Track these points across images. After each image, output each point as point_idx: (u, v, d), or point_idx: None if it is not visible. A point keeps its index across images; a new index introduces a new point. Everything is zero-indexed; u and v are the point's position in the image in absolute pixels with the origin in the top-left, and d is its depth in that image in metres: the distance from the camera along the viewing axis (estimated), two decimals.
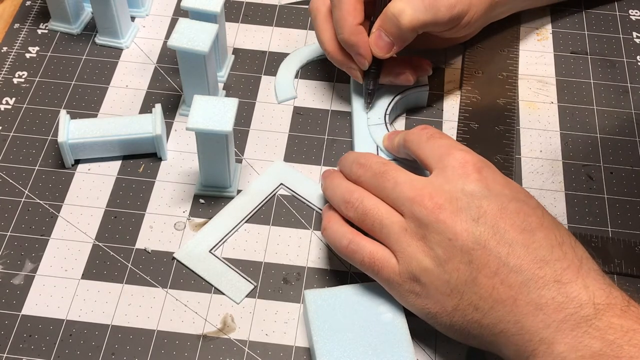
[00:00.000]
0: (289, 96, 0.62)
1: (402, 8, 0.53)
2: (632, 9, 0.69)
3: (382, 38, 0.55)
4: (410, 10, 0.53)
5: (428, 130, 0.50)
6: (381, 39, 0.55)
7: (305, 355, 0.49)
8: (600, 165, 0.59)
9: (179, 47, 0.55)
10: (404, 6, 0.54)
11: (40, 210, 0.55)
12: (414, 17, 0.53)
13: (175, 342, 0.49)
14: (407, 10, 0.53)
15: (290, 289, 0.52)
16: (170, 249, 0.53)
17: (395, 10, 0.54)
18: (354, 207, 0.48)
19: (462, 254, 0.43)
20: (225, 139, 0.52)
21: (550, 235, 0.43)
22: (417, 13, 0.53)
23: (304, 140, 0.60)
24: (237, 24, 0.68)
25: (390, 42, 0.55)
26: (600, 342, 0.39)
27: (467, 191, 0.45)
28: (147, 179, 0.57)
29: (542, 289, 0.41)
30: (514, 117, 0.60)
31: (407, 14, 0.53)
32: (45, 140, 0.59)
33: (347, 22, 0.55)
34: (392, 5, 0.54)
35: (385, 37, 0.55)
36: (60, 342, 0.49)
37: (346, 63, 0.58)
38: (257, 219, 0.55)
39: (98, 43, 0.65)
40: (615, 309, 0.40)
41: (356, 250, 0.47)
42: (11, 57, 0.64)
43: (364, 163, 0.50)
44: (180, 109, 0.61)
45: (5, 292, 0.51)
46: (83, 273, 0.52)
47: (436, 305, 0.45)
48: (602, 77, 0.64)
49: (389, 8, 0.54)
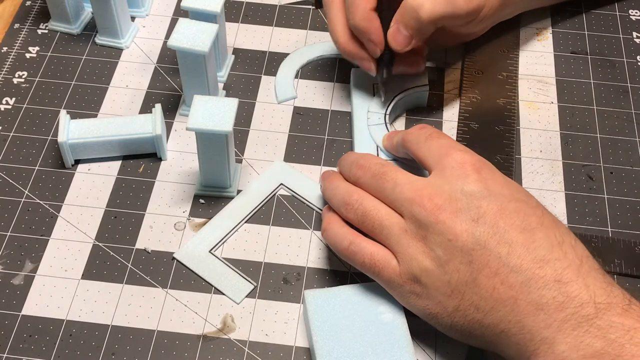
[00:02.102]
0: (289, 96, 0.62)
1: (421, 1, 0.53)
2: (632, 9, 0.69)
3: (400, 32, 0.54)
4: (429, 3, 0.53)
5: (426, 130, 0.50)
6: (400, 33, 0.54)
7: (305, 355, 0.49)
8: (600, 165, 0.59)
9: (179, 47, 0.55)
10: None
11: (40, 210, 0.55)
12: (433, 9, 0.53)
13: (175, 342, 0.49)
14: (426, 4, 0.52)
15: (290, 289, 0.52)
16: (170, 249, 0.53)
17: (415, 3, 0.53)
18: (353, 208, 0.48)
19: (463, 255, 0.43)
20: (225, 139, 0.52)
21: (550, 235, 0.43)
22: (437, 6, 0.53)
23: (304, 140, 0.60)
24: (237, 24, 0.68)
25: (409, 36, 0.54)
26: (602, 341, 0.39)
27: (466, 191, 0.45)
28: (147, 179, 0.57)
29: (542, 288, 0.41)
30: (514, 117, 0.60)
31: (426, 7, 0.52)
32: (45, 140, 0.59)
33: (359, 7, 0.54)
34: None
35: (404, 31, 0.54)
36: (60, 342, 0.49)
37: (358, 54, 0.57)
38: (257, 219, 0.55)
39: (98, 43, 0.65)
40: (617, 307, 0.40)
41: (357, 251, 0.47)
42: (11, 57, 0.64)
43: (363, 164, 0.50)
44: (180, 109, 0.61)
45: (5, 292, 0.51)
46: (83, 273, 0.52)
47: (437, 306, 0.45)
48: (602, 77, 0.64)
49: (407, 1, 0.53)
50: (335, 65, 0.64)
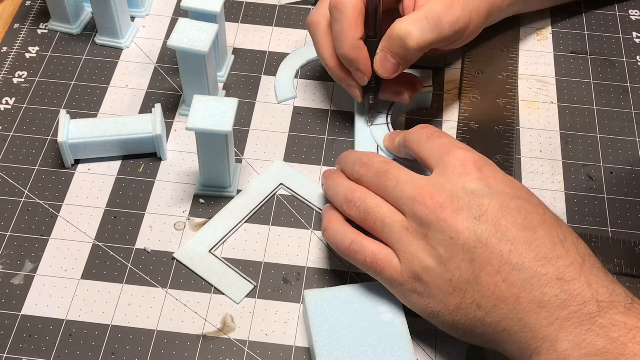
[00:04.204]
0: (289, 96, 0.62)
1: (409, 30, 0.52)
2: (632, 9, 0.69)
3: (388, 60, 0.54)
4: (417, 31, 0.52)
5: (428, 130, 0.50)
6: (387, 61, 0.54)
7: (305, 355, 0.49)
8: (600, 165, 0.59)
9: (179, 47, 0.55)
10: (410, 28, 0.52)
11: (40, 210, 0.55)
12: (421, 38, 0.52)
13: (175, 342, 0.49)
14: (414, 32, 0.52)
15: (290, 289, 0.51)
16: (170, 249, 0.53)
17: (402, 32, 0.52)
18: (356, 206, 0.48)
19: (464, 253, 0.43)
20: (225, 139, 0.52)
21: (553, 233, 0.43)
22: (424, 34, 0.52)
23: (304, 140, 0.60)
24: (237, 24, 0.68)
25: (397, 63, 0.54)
26: (604, 339, 0.39)
27: (468, 190, 0.45)
28: (147, 179, 0.57)
29: (545, 286, 0.41)
30: (514, 117, 0.60)
31: (414, 35, 0.52)
32: (45, 140, 0.59)
33: (347, 37, 0.54)
34: (398, 26, 0.52)
35: (392, 59, 0.54)
36: (60, 342, 0.49)
37: (346, 80, 0.57)
38: (257, 219, 0.55)
39: (98, 43, 0.65)
40: (619, 306, 0.40)
41: (358, 250, 0.47)
42: (11, 57, 0.64)
43: (366, 162, 0.50)
44: (180, 109, 0.61)
45: (5, 292, 0.51)
46: (83, 273, 0.52)
47: (439, 304, 0.45)
48: (602, 77, 0.64)
49: (394, 30, 0.53)
50: None
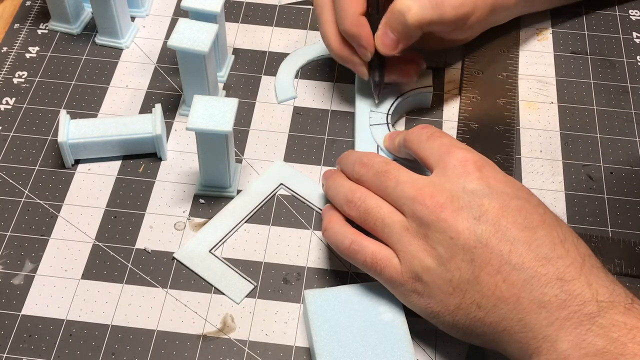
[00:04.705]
0: (289, 96, 0.62)
1: (409, 5, 0.53)
2: (632, 9, 0.69)
3: (388, 35, 0.54)
4: (417, 7, 0.53)
5: (428, 130, 0.50)
6: (387, 36, 0.55)
7: (305, 355, 0.49)
8: (600, 165, 0.59)
9: (179, 47, 0.54)
10: (411, 3, 0.53)
11: (40, 210, 0.55)
12: (420, 14, 0.53)
13: (175, 342, 0.49)
14: (413, 8, 0.53)
15: (290, 289, 0.51)
16: (170, 249, 0.53)
17: (402, 7, 0.53)
18: (356, 206, 0.48)
19: (464, 253, 0.43)
20: (225, 139, 0.52)
21: (553, 233, 0.43)
22: (424, 10, 0.53)
23: (304, 140, 0.60)
24: (237, 24, 0.68)
25: (396, 40, 0.55)
26: (604, 339, 0.39)
27: (468, 190, 0.45)
28: (147, 179, 0.57)
29: (544, 286, 0.41)
30: (514, 117, 0.60)
31: (413, 11, 0.53)
32: (45, 140, 0.59)
33: (349, 12, 0.54)
34: (399, 2, 0.54)
35: (391, 34, 0.54)
36: (60, 342, 0.49)
37: (350, 58, 0.57)
38: (257, 219, 0.55)
39: (98, 43, 0.65)
40: (619, 306, 0.40)
41: (358, 250, 0.47)
42: (11, 57, 0.64)
43: (366, 162, 0.50)
44: (180, 109, 0.61)
45: (5, 292, 0.51)
46: (83, 273, 0.52)
47: (439, 304, 0.45)
48: (602, 77, 0.64)
49: (395, 5, 0.54)
50: (335, 65, 0.64)
